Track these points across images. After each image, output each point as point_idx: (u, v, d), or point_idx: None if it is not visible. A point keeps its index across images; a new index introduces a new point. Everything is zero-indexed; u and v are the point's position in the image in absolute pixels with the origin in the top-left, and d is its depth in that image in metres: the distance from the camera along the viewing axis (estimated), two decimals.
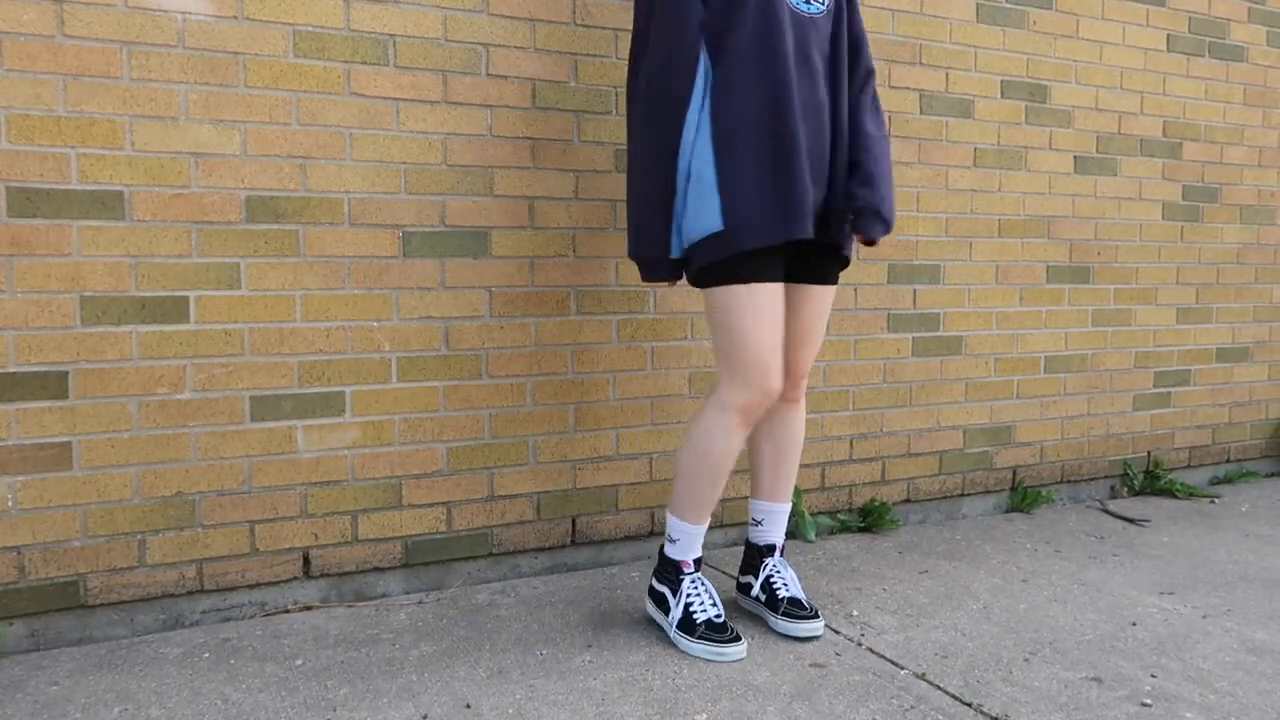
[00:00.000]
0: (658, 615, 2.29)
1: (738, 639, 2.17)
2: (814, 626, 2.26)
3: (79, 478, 2.21)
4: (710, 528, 2.93)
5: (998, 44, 3.28)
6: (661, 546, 2.31)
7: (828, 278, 2.28)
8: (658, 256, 2.14)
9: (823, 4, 2.15)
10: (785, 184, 2.04)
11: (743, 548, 2.58)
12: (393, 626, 2.32)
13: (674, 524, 2.26)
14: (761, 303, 2.08)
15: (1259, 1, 3.81)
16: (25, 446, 2.16)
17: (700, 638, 2.16)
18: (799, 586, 2.39)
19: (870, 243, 2.21)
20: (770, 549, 2.40)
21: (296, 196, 2.36)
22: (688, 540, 2.25)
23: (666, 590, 2.27)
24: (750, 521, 2.45)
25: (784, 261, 2.13)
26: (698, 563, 2.28)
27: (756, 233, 2.03)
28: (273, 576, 2.41)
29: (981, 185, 3.30)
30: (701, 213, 2.06)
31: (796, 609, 2.28)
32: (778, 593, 2.32)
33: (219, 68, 2.26)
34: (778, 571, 2.36)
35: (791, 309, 2.28)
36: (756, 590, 2.37)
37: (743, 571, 2.46)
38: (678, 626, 2.21)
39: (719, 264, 2.07)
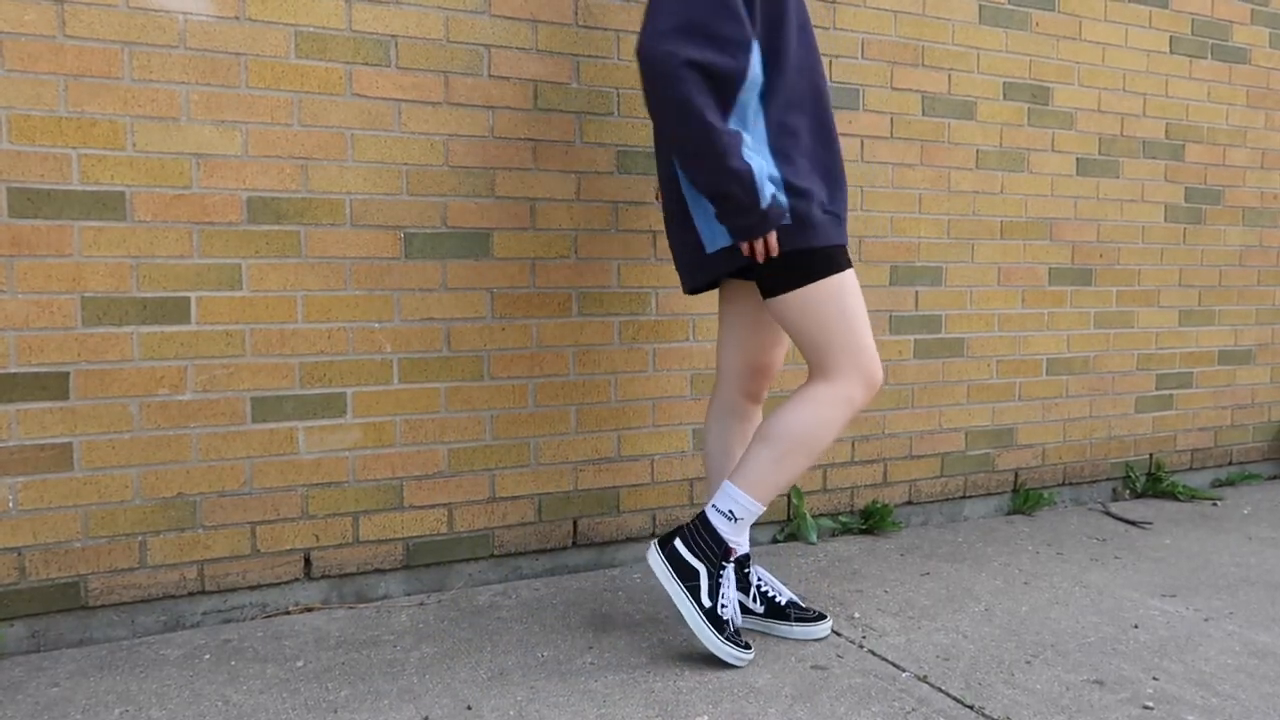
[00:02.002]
0: (677, 591, 2.11)
1: (749, 646, 2.13)
2: (827, 625, 2.28)
3: (80, 478, 2.21)
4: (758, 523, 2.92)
5: (1000, 46, 3.28)
6: (703, 514, 2.15)
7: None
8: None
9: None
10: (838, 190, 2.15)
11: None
12: (394, 628, 2.32)
13: (742, 499, 2.11)
14: (856, 285, 2.12)
15: (1262, 3, 3.81)
16: (26, 447, 2.16)
17: (729, 639, 2.09)
18: (785, 588, 2.38)
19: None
20: (748, 558, 2.36)
21: (298, 197, 2.36)
22: (747, 522, 2.13)
23: (702, 567, 2.11)
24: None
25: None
26: (746, 558, 2.21)
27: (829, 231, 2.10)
28: (274, 578, 2.41)
29: (983, 187, 3.29)
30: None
31: (802, 612, 2.28)
32: (777, 599, 2.31)
33: (220, 68, 2.26)
34: (764, 579, 2.34)
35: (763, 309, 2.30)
36: (752, 604, 2.32)
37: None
38: (706, 614, 2.09)
39: (816, 255, 2.06)
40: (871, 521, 3.14)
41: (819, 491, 3.10)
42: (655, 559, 2.15)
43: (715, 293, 2.87)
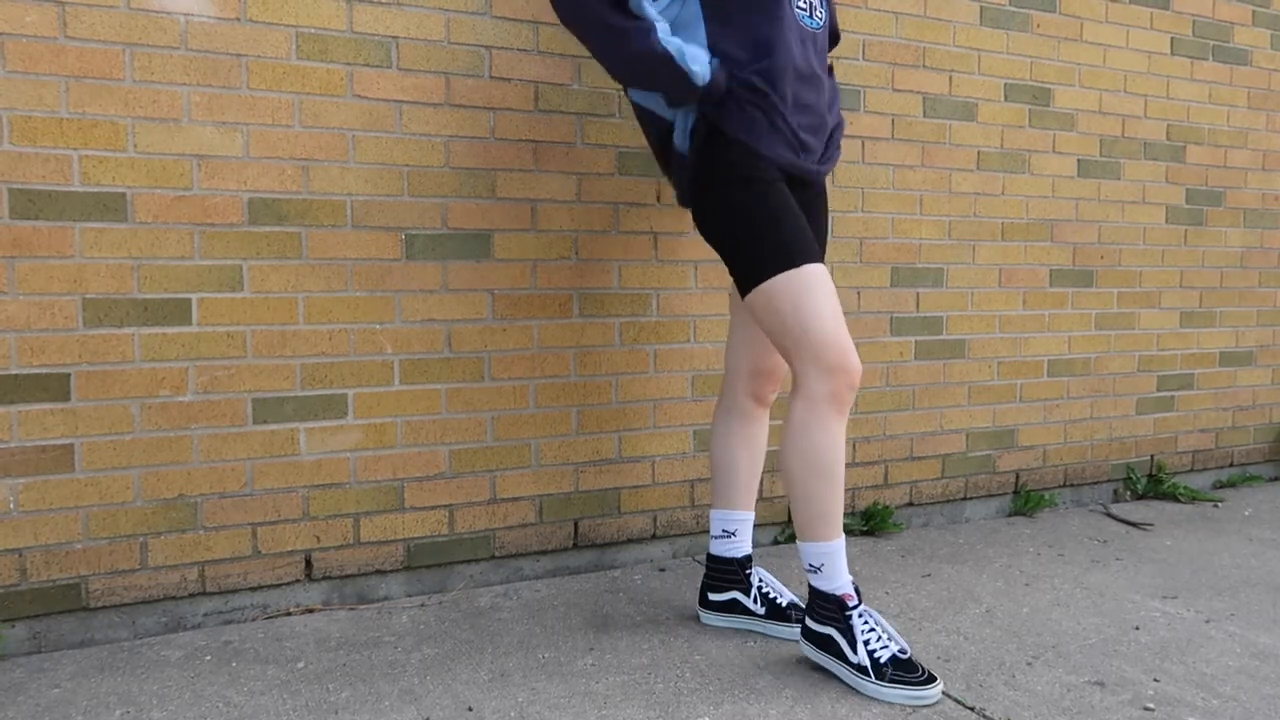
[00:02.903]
0: (829, 663, 2.06)
1: (933, 679, 1.96)
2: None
3: (81, 480, 2.21)
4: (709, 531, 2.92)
5: (1001, 47, 3.28)
6: (809, 585, 2.10)
7: None
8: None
9: (822, 20, 2.20)
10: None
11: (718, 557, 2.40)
12: (394, 629, 2.32)
13: (811, 550, 2.06)
14: (822, 279, 2.02)
15: (1264, 5, 3.81)
16: (27, 448, 2.16)
17: (891, 680, 1.95)
18: (786, 589, 2.38)
19: None
20: (749, 559, 2.37)
21: (299, 198, 2.36)
22: (833, 562, 2.04)
23: (834, 632, 2.04)
24: (720, 534, 2.36)
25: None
26: (858, 591, 2.08)
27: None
28: (274, 579, 2.41)
29: (984, 188, 3.29)
30: None
31: (804, 613, 2.27)
32: (778, 601, 2.31)
33: (221, 70, 2.26)
34: (766, 581, 2.34)
35: None
36: (754, 605, 2.32)
37: (715, 589, 2.35)
38: (857, 669, 1.99)
39: (769, 254, 2.03)
40: (872, 523, 3.14)
41: None
42: (805, 649, 2.11)
43: (720, 294, 2.87)
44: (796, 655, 2.18)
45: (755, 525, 2.87)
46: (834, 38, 2.38)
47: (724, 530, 2.36)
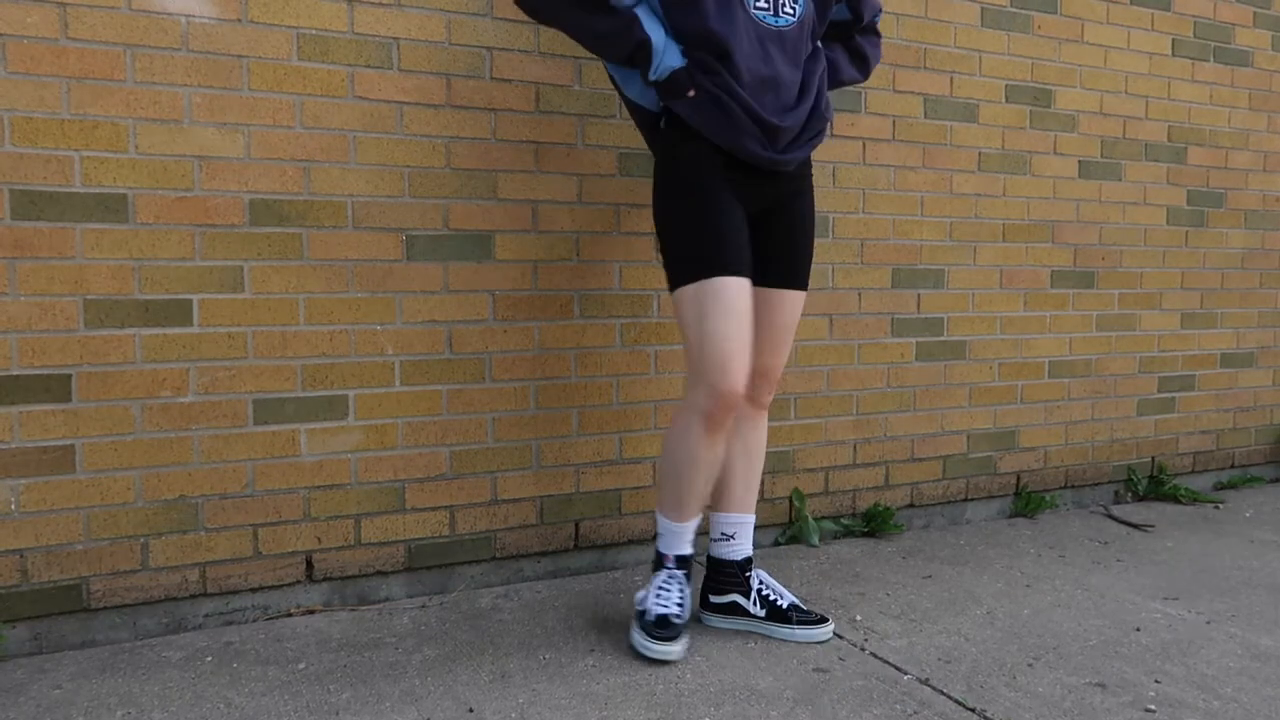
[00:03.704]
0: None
1: (672, 639, 2.14)
2: (829, 628, 2.29)
3: (82, 480, 2.21)
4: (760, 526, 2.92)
5: (1002, 48, 3.28)
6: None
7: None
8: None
9: (793, 15, 2.16)
10: None
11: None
12: (395, 630, 2.32)
13: (658, 518, 2.31)
14: (726, 295, 2.08)
15: (1265, 6, 3.81)
16: (28, 449, 2.16)
17: (641, 628, 2.18)
18: (786, 590, 2.38)
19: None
20: (749, 562, 2.37)
21: (300, 199, 2.36)
22: (668, 536, 2.28)
23: (652, 578, 2.32)
24: (719, 537, 2.36)
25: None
26: (681, 560, 2.28)
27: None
28: (275, 580, 2.41)
29: (985, 190, 3.29)
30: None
31: (804, 615, 2.28)
32: (778, 603, 2.31)
33: (223, 71, 2.27)
34: (766, 583, 2.34)
35: (762, 313, 2.27)
36: (754, 607, 2.32)
37: (716, 591, 2.36)
38: (639, 615, 2.23)
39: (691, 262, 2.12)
40: (873, 524, 3.14)
41: (821, 494, 3.10)
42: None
43: None
44: (799, 656, 2.18)
45: (756, 526, 2.87)
46: (857, 18, 2.34)
47: (723, 534, 2.36)
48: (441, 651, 2.19)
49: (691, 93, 2.11)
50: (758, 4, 2.12)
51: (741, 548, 2.36)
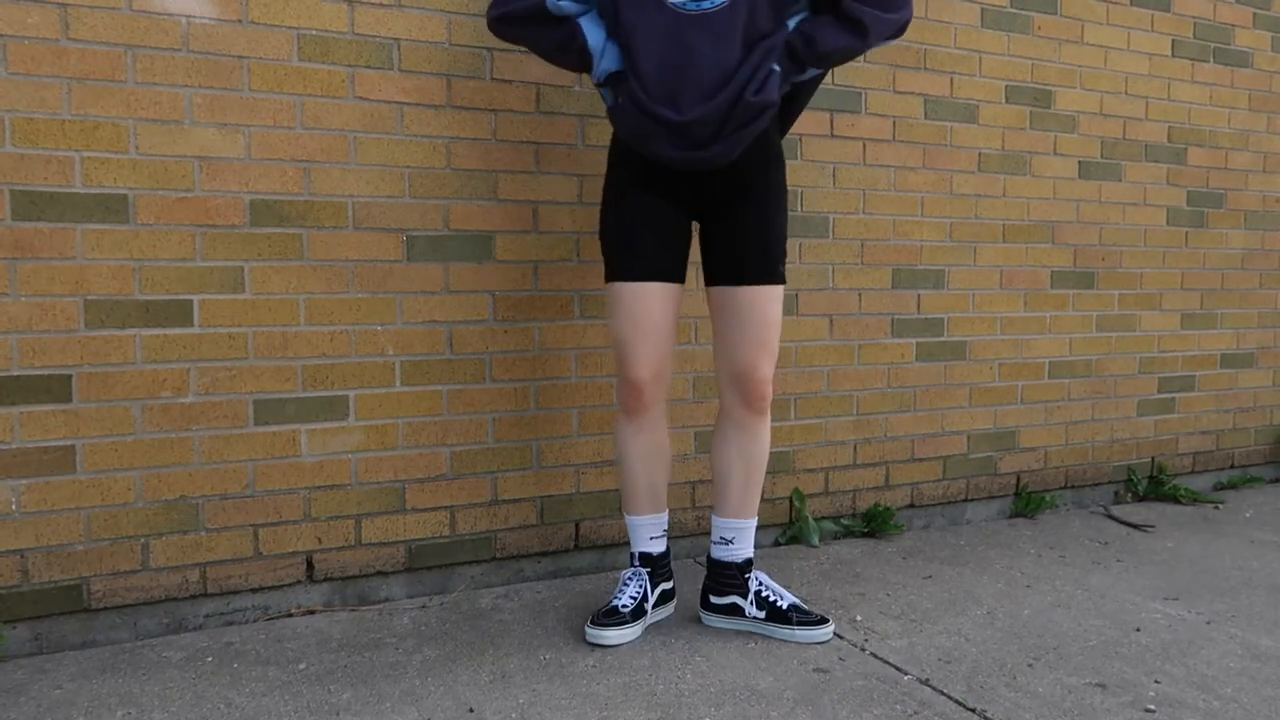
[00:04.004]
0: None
1: (609, 626, 2.22)
2: (829, 629, 2.29)
3: (82, 481, 2.21)
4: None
5: (1002, 49, 3.28)
6: None
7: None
8: None
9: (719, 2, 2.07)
10: None
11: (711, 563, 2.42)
12: (396, 630, 2.32)
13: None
14: (625, 299, 2.22)
15: (1264, 7, 3.81)
16: (29, 450, 2.16)
17: (593, 620, 2.26)
18: (787, 591, 2.38)
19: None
20: (749, 564, 2.36)
21: (300, 200, 2.36)
22: (630, 532, 2.38)
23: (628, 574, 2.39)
24: (719, 540, 2.36)
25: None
26: (644, 558, 2.34)
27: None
28: (276, 580, 2.41)
29: (985, 190, 3.30)
30: None
31: (805, 615, 2.28)
32: (778, 604, 2.30)
33: (223, 71, 2.27)
34: (765, 584, 2.34)
35: (720, 314, 2.27)
36: (751, 610, 2.31)
37: (716, 592, 2.35)
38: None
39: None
40: (873, 524, 3.14)
41: (821, 494, 3.10)
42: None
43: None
44: (799, 657, 2.18)
45: (757, 527, 2.87)
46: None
47: (721, 537, 2.36)
48: (442, 652, 2.20)
49: (619, 99, 2.15)
50: None
51: (740, 551, 2.35)
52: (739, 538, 2.35)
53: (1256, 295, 3.94)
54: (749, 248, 2.22)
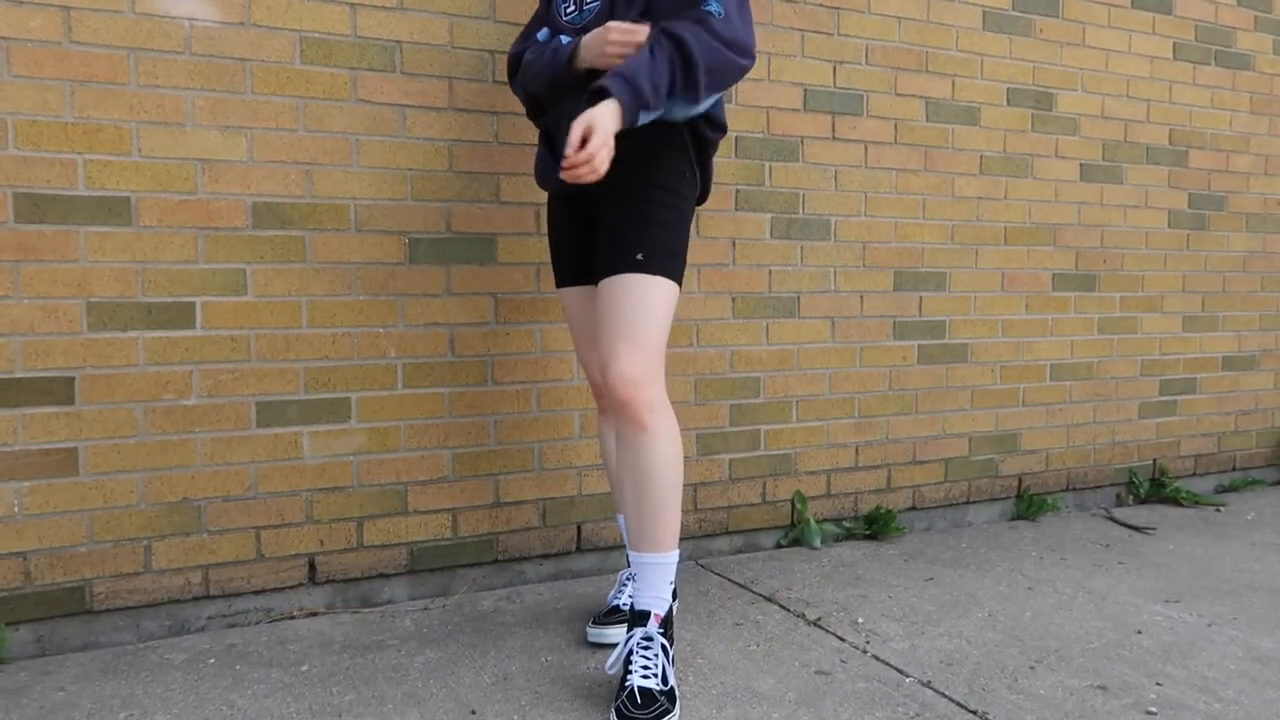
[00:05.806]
0: None
1: (620, 623, 2.23)
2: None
3: (85, 483, 2.21)
4: (713, 535, 2.92)
5: (1004, 51, 3.28)
6: None
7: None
8: None
9: (593, 7, 2.00)
10: None
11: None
12: (398, 632, 2.32)
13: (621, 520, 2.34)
14: (567, 306, 2.24)
15: (1266, 9, 3.81)
16: (31, 452, 2.16)
17: (594, 620, 2.28)
18: (661, 676, 1.86)
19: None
20: (643, 618, 1.90)
21: (303, 202, 2.36)
22: (622, 530, 2.30)
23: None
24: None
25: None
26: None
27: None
28: (278, 582, 2.41)
29: (987, 193, 3.30)
30: None
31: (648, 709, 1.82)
32: (626, 680, 1.86)
33: (225, 74, 2.27)
34: (642, 650, 1.87)
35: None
36: (613, 668, 1.91)
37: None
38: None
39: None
40: (875, 527, 3.14)
41: (822, 496, 3.10)
42: None
43: (724, 298, 2.87)
44: (801, 659, 2.18)
45: (758, 529, 2.87)
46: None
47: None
48: (444, 654, 2.20)
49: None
50: (566, 8, 2.08)
51: (640, 595, 1.94)
52: (640, 575, 1.94)
53: (1258, 298, 3.94)
54: (609, 240, 1.96)
